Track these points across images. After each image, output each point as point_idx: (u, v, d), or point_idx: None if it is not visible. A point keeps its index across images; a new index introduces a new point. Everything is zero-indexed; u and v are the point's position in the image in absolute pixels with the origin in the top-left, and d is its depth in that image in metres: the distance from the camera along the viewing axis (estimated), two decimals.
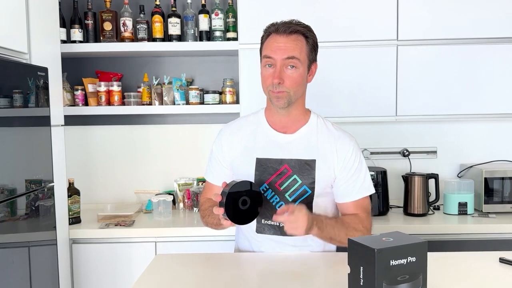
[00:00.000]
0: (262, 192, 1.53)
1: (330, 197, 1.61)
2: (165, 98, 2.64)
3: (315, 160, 1.54)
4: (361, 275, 1.08)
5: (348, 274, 1.12)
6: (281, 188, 1.54)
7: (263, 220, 1.57)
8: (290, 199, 1.54)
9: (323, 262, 1.48)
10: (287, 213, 1.38)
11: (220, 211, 1.38)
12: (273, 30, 1.52)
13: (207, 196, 1.69)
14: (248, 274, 1.42)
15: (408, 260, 1.07)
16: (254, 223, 1.55)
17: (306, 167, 1.54)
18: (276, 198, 1.55)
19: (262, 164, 1.55)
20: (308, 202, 1.54)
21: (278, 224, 1.54)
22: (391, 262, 1.05)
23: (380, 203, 2.49)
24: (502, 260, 1.43)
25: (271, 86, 1.50)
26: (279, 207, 1.52)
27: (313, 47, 1.56)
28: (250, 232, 1.60)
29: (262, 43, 1.57)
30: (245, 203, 1.41)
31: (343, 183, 1.57)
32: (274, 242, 1.56)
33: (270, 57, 1.50)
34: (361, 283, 1.08)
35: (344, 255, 1.15)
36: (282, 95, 1.50)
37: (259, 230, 1.58)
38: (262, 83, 1.56)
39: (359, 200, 1.58)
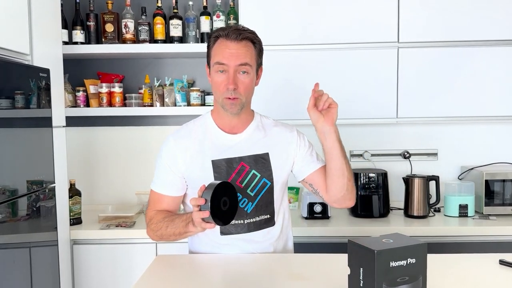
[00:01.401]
0: None
1: (282, 187, 1.67)
2: (166, 100, 2.65)
3: (268, 153, 1.61)
4: (361, 277, 1.08)
5: (348, 275, 1.13)
6: (243, 185, 1.57)
7: None
8: (252, 194, 1.58)
9: (322, 263, 1.48)
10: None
11: (205, 214, 1.34)
12: (223, 34, 1.53)
13: (158, 207, 1.64)
14: (249, 275, 1.42)
15: (408, 261, 1.07)
16: (217, 226, 1.56)
17: (262, 161, 1.60)
18: (238, 196, 1.56)
19: (218, 166, 1.57)
20: (269, 193, 1.60)
21: (242, 221, 1.57)
22: (391, 264, 1.05)
23: (380, 205, 2.50)
24: (502, 262, 1.43)
25: (226, 93, 1.52)
26: (242, 204, 1.57)
27: (260, 52, 1.60)
28: (213, 235, 1.59)
29: (209, 48, 1.58)
30: (226, 204, 1.41)
31: (302, 159, 1.66)
32: (241, 241, 1.58)
33: (223, 64, 1.51)
34: (361, 285, 1.08)
35: (344, 256, 1.15)
36: (237, 101, 1.53)
37: (225, 231, 1.58)
38: (214, 90, 1.57)
39: (323, 167, 1.65)
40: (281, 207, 1.67)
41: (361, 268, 1.08)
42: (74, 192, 2.41)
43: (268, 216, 1.61)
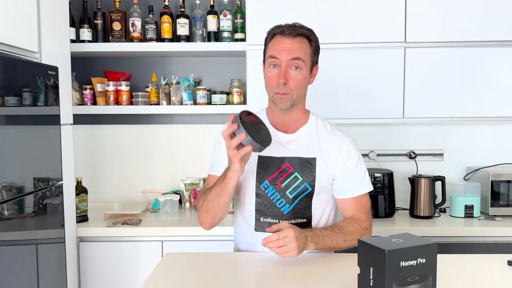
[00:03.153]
0: (263, 189, 1.57)
1: (329, 194, 1.64)
2: (172, 98, 2.65)
3: (315, 158, 1.58)
4: (371, 276, 1.08)
5: (358, 274, 1.13)
6: (282, 186, 1.57)
7: (262, 218, 1.58)
8: (290, 196, 1.57)
9: (332, 263, 1.48)
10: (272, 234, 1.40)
11: (242, 135, 1.33)
12: (278, 31, 1.54)
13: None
14: (258, 273, 1.42)
15: (418, 261, 1.07)
16: (252, 222, 1.59)
17: (307, 165, 1.58)
18: (276, 195, 1.57)
19: (263, 162, 1.57)
20: (308, 198, 1.58)
21: (277, 221, 1.55)
22: (401, 263, 1.05)
23: (386, 205, 2.50)
24: (510, 263, 1.43)
25: (276, 88, 1.52)
26: (279, 204, 1.56)
27: (316, 50, 1.59)
28: (248, 231, 1.61)
29: (266, 44, 1.60)
30: (258, 129, 1.40)
31: (343, 179, 1.60)
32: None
33: (275, 57, 1.52)
34: (371, 284, 1.08)
35: (354, 256, 1.15)
36: (286, 97, 1.53)
37: (258, 228, 1.59)
38: (266, 84, 1.58)
39: (360, 197, 1.61)
40: (323, 215, 1.62)
41: (371, 268, 1.08)
42: (80, 189, 2.41)
43: (305, 220, 1.59)
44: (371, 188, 1.65)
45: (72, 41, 2.54)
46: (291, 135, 1.61)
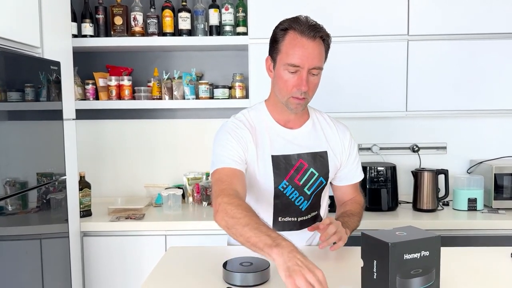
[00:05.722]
0: (282, 189, 1.54)
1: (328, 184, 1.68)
2: (175, 93, 2.65)
3: (326, 151, 1.60)
4: (375, 269, 1.08)
5: (362, 267, 1.13)
6: (300, 183, 1.55)
7: (280, 218, 1.57)
8: (308, 193, 1.57)
9: (335, 256, 1.49)
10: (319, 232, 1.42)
11: None
12: (298, 30, 1.44)
13: (227, 186, 1.38)
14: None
15: (422, 254, 1.07)
16: (269, 222, 1.53)
17: (320, 159, 1.58)
18: (295, 194, 1.56)
19: (277, 162, 1.53)
20: (321, 190, 1.61)
21: (296, 219, 1.56)
22: (404, 256, 1.05)
23: (389, 199, 2.49)
24: None
25: (295, 92, 1.46)
26: (298, 202, 1.55)
27: (328, 49, 1.53)
28: None
29: (277, 40, 1.48)
30: None
31: (347, 167, 1.66)
32: (290, 237, 1.55)
33: (298, 66, 1.43)
34: (375, 277, 1.08)
35: (357, 249, 1.15)
36: (303, 102, 1.49)
37: (276, 228, 1.54)
38: (281, 86, 1.48)
39: (357, 183, 1.72)
40: (324, 204, 1.69)
41: (375, 261, 1.08)
42: (84, 184, 2.42)
43: (316, 212, 1.62)
44: (363, 174, 1.75)
45: (74, 36, 2.54)
46: (297, 130, 1.59)
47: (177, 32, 2.62)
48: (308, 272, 1.03)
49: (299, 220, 1.57)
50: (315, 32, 1.44)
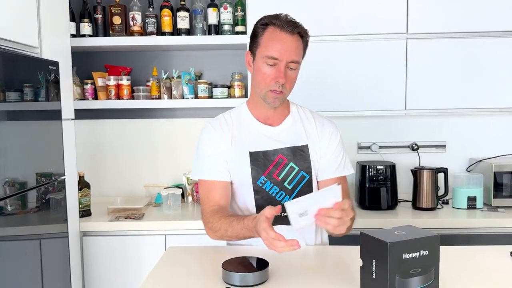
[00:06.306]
0: (261, 185, 1.56)
1: None
2: (174, 92, 2.65)
3: (307, 145, 1.60)
4: (374, 268, 1.08)
5: (361, 267, 1.13)
6: (280, 178, 1.57)
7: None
8: (289, 187, 1.57)
9: (334, 255, 1.49)
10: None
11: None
12: (277, 25, 1.49)
13: (211, 199, 1.56)
14: None
15: (421, 253, 1.07)
16: None
17: (300, 153, 1.59)
18: (275, 189, 1.57)
19: (256, 158, 1.56)
20: (308, 186, 1.59)
21: (280, 214, 1.54)
22: (403, 256, 1.05)
23: (388, 197, 2.49)
24: None
25: (273, 85, 1.50)
26: (279, 197, 1.56)
27: (306, 46, 1.58)
28: None
29: (257, 35, 1.52)
30: None
31: (326, 159, 1.62)
32: (282, 233, 1.55)
33: (276, 58, 1.48)
34: (374, 276, 1.08)
35: (356, 248, 1.15)
36: (281, 95, 1.53)
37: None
38: (259, 80, 1.53)
39: (341, 178, 1.62)
40: None
41: (374, 260, 1.08)
42: (83, 184, 2.42)
43: None
44: (352, 171, 1.67)
45: (73, 35, 2.53)
46: (277, 127, 1.61)
47: (176, 32, 2.62)
48: (270, 243, 1.24)
49: (282, 215, 1.52)
50: (294, 27, 1.49)
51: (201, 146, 1.61)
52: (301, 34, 1.52)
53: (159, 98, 2.67)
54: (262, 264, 1.29)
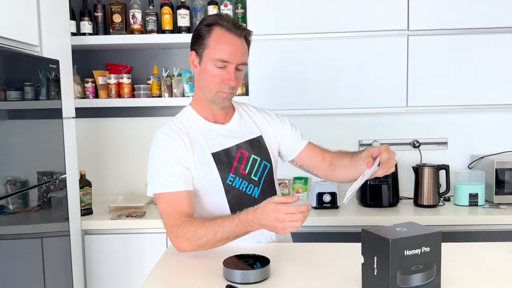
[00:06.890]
0: (231, 183, 1.54)
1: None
2: (174, 90, 2.65)
3: (261, 135, 1.65)
4: (375, 265, 1.08)
5: (362, 264, 1.13)
6: (246, 172, 1.57)
7: (238, 212, 1.50)
8: (256, 179, 1.58)
9: (335, 253, 1.48)
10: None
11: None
12: (225, 27, 1.49)
13: (179, 211, 1.45)
14: None
15: (422, 250, 1.07)
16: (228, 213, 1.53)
17: (257, 144, 1.62)
18: (244, 183, 1.56)
19: (219, 158, 1.54)
20: (270, 174, 1.63)
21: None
22: (405, 252, 1.05)
23: (390, 195, 2.49)
24: None
25: (223, 87, 1.51)
26: (249, 191, 1.56)
27: (249, 48, 1.59)
28: None
29: (203, 36, 1.50)
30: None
31: (289, 137, 1.72)
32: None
33: (226, 61, 1.48)
34: (375, 273, 1.08)
35: (357, 245, 1.15)
36: (230, 96, 1.55)
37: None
38: (208, 81, 1.51)
39: (310, 144, 1.74)
40: (278, 189, 1.71)
41: (375, 257, 1.08)
42: (84, 183, 2.42)
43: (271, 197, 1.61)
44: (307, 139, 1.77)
45: (73, 34, 2.53)
46: (227, 124, 1.62)
47: (176, 29, 2.62)
48: (278, 222, 1.28)
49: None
50: (241, 30, 1.51)
51: (157, 157, 1.51)
52: (246, 36, 1.54)
53: (160, 96, 2.67)
54: (263, 261, 1.29)
